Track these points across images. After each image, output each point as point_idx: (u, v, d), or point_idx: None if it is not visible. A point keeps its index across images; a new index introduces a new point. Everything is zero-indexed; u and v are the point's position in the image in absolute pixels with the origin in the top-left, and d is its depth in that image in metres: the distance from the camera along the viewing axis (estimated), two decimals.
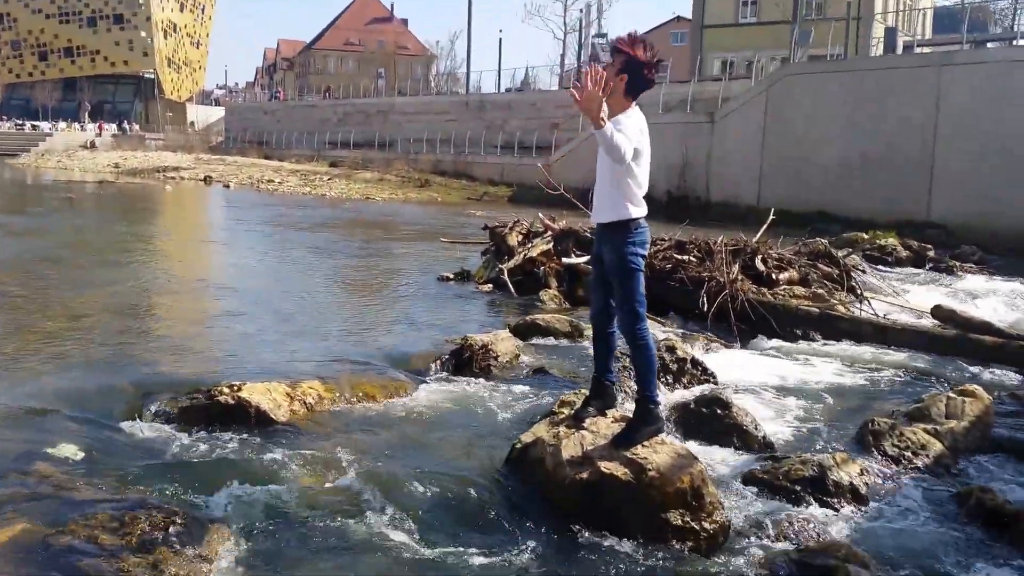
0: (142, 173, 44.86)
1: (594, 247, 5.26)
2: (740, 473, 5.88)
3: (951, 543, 5.10)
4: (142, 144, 66.95)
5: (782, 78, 28.53)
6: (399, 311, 10.40)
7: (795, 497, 5.50)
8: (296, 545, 4.40)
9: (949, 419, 6.97)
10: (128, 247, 15.06)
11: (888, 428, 6.62)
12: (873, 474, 5.98)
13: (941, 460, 6.40)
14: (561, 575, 4.20)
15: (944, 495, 5.81)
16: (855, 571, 3.95)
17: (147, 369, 7.24)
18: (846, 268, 12.51)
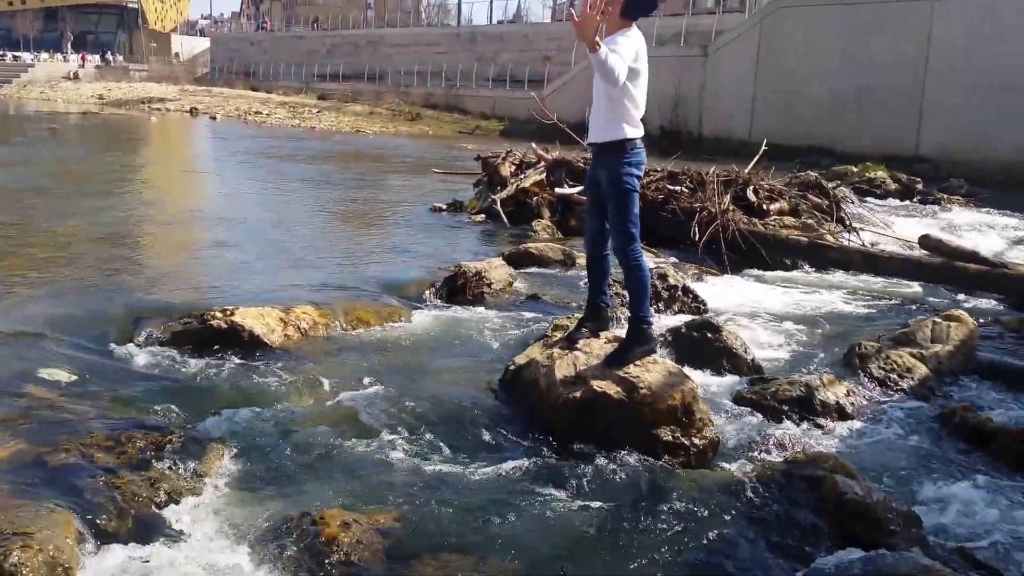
0: (127, 104, 44.37)
1: (589, 169, 5.28)
2: (729, 394, 5.99)
3: (935, 457, 5.24)
4: (126, 75, 65.99)
5: (775, 11, 28.23)
6: (392, 241, 10.40)
7: (783, 416, 5.62)
8: (294, 463, 4.45)
9: (934, 343, 7.09)
10: (115, 177, 14.94)
11: (875, 351, 6.74)
12: (859, 395, 6.10)
13: (926, 382, 6.53)
14: (555, 489, 4.27)
15: (928, 414, 5.95)
16: (842, 481, 4.06)
17: (137, 295, 7.18)
18: (836, 199, 12.59)
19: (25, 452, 4.11)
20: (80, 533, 3.51)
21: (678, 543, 3.81)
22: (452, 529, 3.83)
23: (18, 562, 3.17)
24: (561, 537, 3.83)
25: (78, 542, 3.46)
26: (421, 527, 3.82)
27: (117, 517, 3.71)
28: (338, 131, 33.86)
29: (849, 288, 9.65)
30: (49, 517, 3.50)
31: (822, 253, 10.54)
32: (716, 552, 3.78)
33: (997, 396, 6.58)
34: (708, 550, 3.78)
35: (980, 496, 4.77)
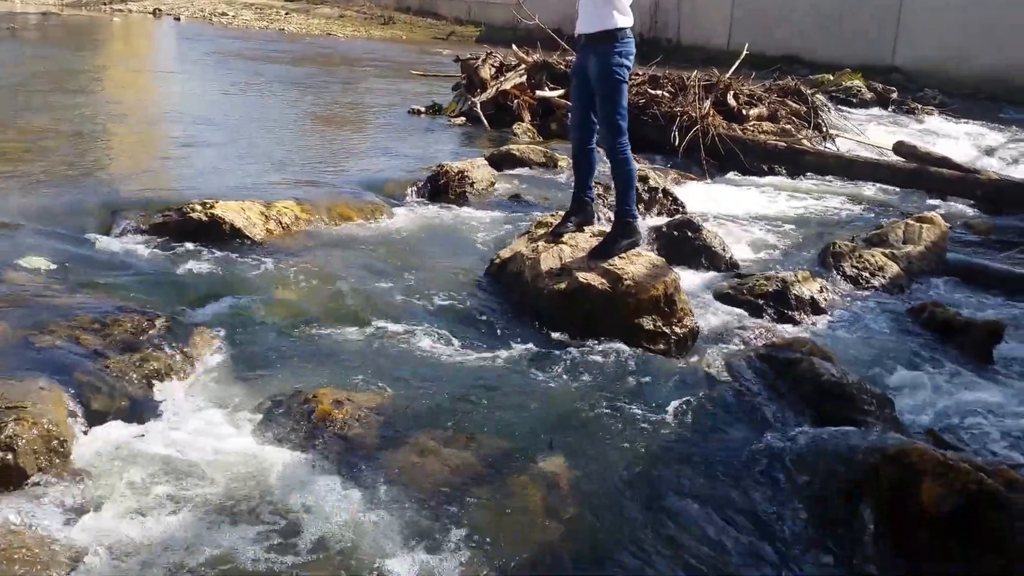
0: (87, 5, 43.05)
1: (575, 61, 5.29)
2: (708, 290, 6.13)
3: (906, 349, 5.42)
4: None
5: None
6: (370, 142, 10.32)
7: (760, 310, 5.79)
8: (282, 348, 4.51)
9: (906, 244, 7.25)
10: (81, 76, 14.56)
11: (848, 250, 6.89)
12: (832, 291, 6.27)
13: (897, 281, 6.71)
14: (540, 372, 4.38)
15: (900, 310, 6.13)
16: (818, 363, 4.20)
17: (114, 189, 7.04)
18: (814, 106, 12.64)
19: (10, 335, 4.08)
20: (72, 410, 3.55)
21: (658, 421, 3.94)
22: (443, 408, 3.93)
23: (13, 434, 3.22)
24: (547, 415, 3.94)
25: (70, 418, 3.51)
26: (412, 407, 3.91)
27: (108, 395, 3.75)
28: (308, 34, 33.15)
29: (825, 193, 9.78)
30: (40, 394, 3.52)
31: (799, 158, 10.62)
32: (694, 429, 3.92)
33: (966, 295, 6.77)
34: (686, 427, 3.92)
35: (949, 383, 4.97)
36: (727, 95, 11.56)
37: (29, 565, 2.75)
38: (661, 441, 3.79)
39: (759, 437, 3.83)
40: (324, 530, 3.06)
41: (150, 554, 2.89)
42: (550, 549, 3.11)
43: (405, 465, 3.47)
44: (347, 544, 3.00)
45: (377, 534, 3.05)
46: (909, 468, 3.24)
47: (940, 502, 3.16)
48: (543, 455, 3.60)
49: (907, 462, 3.26)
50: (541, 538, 3.15)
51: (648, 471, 3.56)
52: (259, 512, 3.13)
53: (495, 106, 11.63)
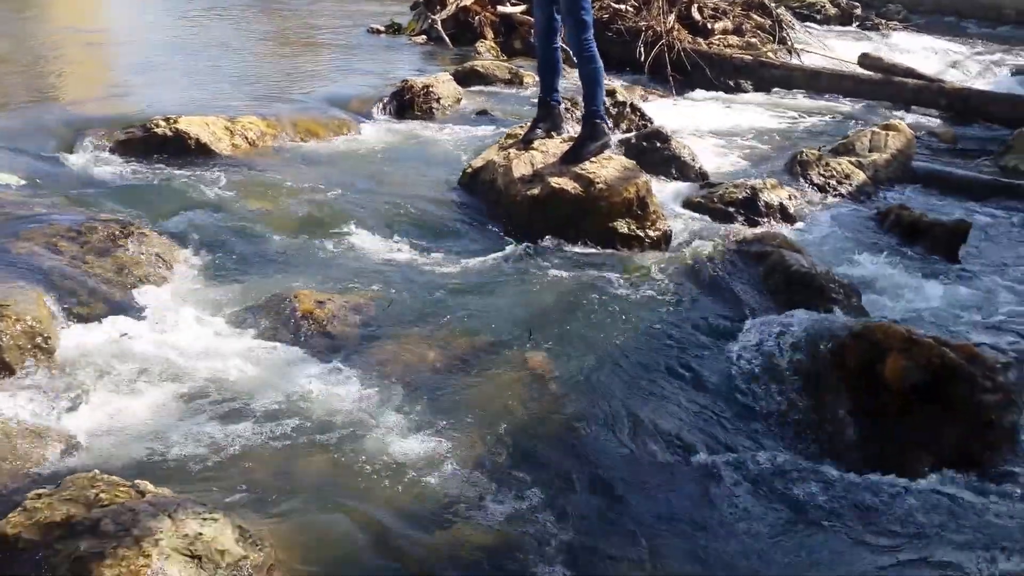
0: None
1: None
2: (678, 199, 6.18)
3: (874, 248, 5.53)
4: None
5: None
6: (331, 62, 10.16)
7: (730, 217, 5.84)
8: (258, 255, 4.54)
9: (872, 152, 7.34)
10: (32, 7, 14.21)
11: (815, 159, 6.96)
12: (801, 198, 6.35)
13: (864, 188, 6.81)
14: (516, 273, 4.45)
15: (867, 214, 6.24)
16: (788, 254, 4.30)
17: (76, 110, 6.94)
18: (778, 19, 12.60)
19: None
20: (54, 310, 3.58)
21: (634, 310, 4.04)
22: (422, 307, 4.00)
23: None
24: (525, 311, 4.02)
25: (53, 317, 3.54)
26: (392, 306, 3.97)
27: (88, 296, 3.78)
28: None
29: (791, 107, 9.80)
30: (22, 293, 3.54)
31: (765, 72, 10.62)
32: (668, 316, 4.03)
33: (932, 201, 6.89)
34: (660, 315, 4.03)
35: (914, 279, 5.10)
36: (691, 8, 11.52)
37: (17, 453, 2.81)
38: (637, 329, 3.89)
39: (731, 322, 3.95)
40: (310, 415, 3.14)
41: (137, 441, 2.95)
42: (532, 429, 3.21)
43: (388, 356, 3.55)
44: (333, 428, 3.08)
45: (363, 417, 3.14)
46: (875, 344, 3.37)
47: (905, 376, 3.29)
48: (523, 345, 3.69)
49: (873, 338, 3.38)
50: (524, 417, 3.26)
51: (624, 356, 3.67)
52: (245, 400, 3.20)
53: (456, 24, 11.48)
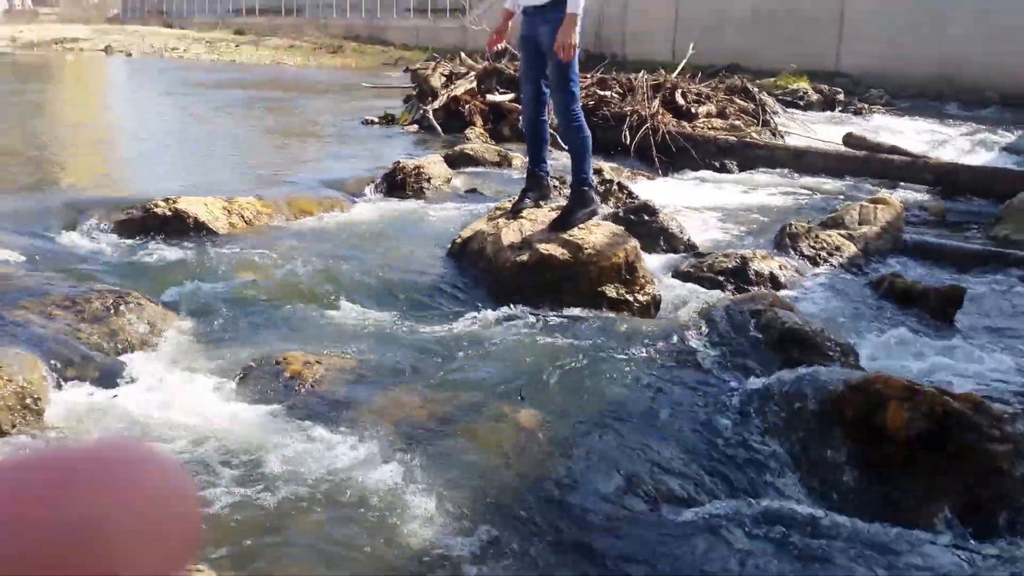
0: (40, 46, 42.78)
1: (523, 32, 5.22)
2: (667, 270, 6.17)
3: (868, 314, 5.51)
4: (36, 18, 63.46)
5: None
6: (326, 149, 10.34)
7: (719, 285, 5.81)
8: (249, 322, 4.53)
9: (862, 225, 7.35)
10: (38, 103, 14.52)
11: (804, 231, 6.96)
12: (791, 269, 6.33)
13: (855, 259, 6.79)
14: (504, 337, 4.40)
15: (859, 284, 6.22)
16: (782, 312, 4.25)
17: (77, 192, 7.11)
18: (762, 103, 12.83)
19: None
20: (45, 373, 3.56)
21: (626, 370, 3.98)
22: (411, 368, 3.96)
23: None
24: (515, 372, 3.97)
25: (43, 379, 3.52)
26: (381, 367, 3.94)
27: (80, 361, 3.78)
28: (259, 64, 33.19)
29: (778, 185, 9.89)
30: (14, 356, 3.54)
31: (750, 152, 10.75)
32: (661, 376, 3.97)
33: (923, 271, 6.88)
34: (654, 375, 3.97)
35: (912, 341, 5.04)
36: (675, 94, 11.71)
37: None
38: (630, 388, 3.83)
39: (725, 380, 3.89)
40: (296, 474, 3.08)
41: None
42: (521, 487, 3.14)
43: (376, 415, 3.49)
44: (318, 487, 3.01)
45: (350, 476, 3.06)
46: (875, 394, 3.30)
47: (908, 425, 3.21)
48: (513, 405, 3.62)
49: (873, 388, 3.32)
50: (513, 476, 3.19)
51: (618, 414, 3.61)
52: (231, 459, 3.15)
53: (447, 113, 11.68)
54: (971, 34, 21.64)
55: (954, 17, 21.95)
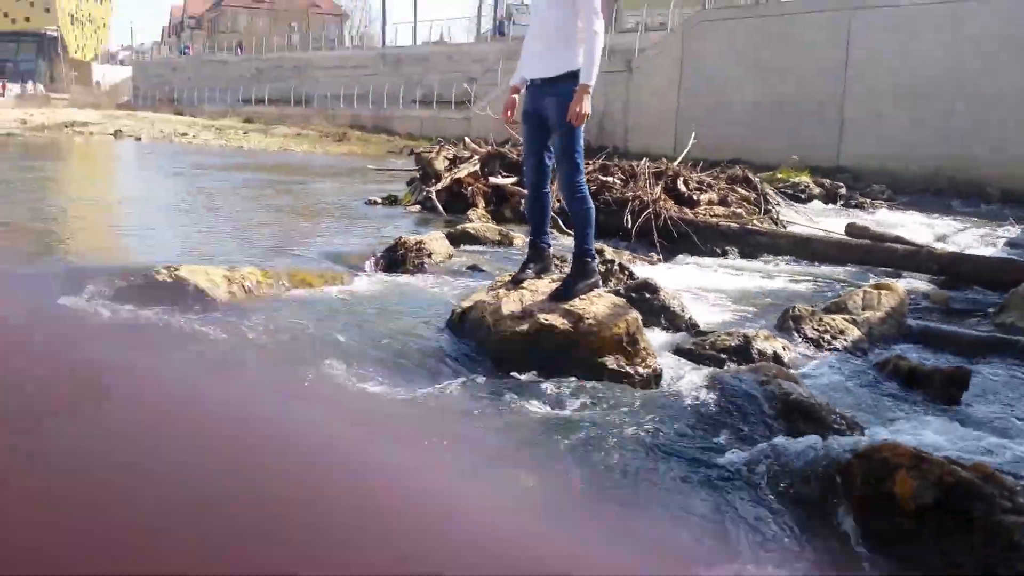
0: (49, 128, 43.44)
1: (527, 104, 5.27)
2: (669, 348, 6.11)
3: (873, 395, 5.41)
4: (47, 103, 64.59)
5: (697, 24, 28.78)
6: (328, 226, 10.41)
7: (721, 363, 5.74)
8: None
9: (866, 310, 7.30)
10: (44, 180, 14.69)
11: (808, 314, 6.92)
12: (795, 350, 6.28)
13: (858, 344, 6.72)
14: (500, 403, 4.34)
15: (864, 366, 6.14)
16: (786, 384, 4.19)
17: (79, 261, 7.15)
18: (763, 193, 12.96)
19: None
20: None
21: (627, 438, 3.90)
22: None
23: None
24: (511, 436, 3.90)
25: None
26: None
27: None
28: (266, 151, 33.65)
29: (780, 271, 9.89)
30: None
31: (752, 238, 10.77)
32: (663, 445, 3.87)
33: (927, 356, 6.81)
34: (655, 444, 3.88)
35: (918, 420, 4.96)
36: (677, 182, 11.82)
37: None
38: (630, 455, 3.74)
39: (729, 449, 3.80)
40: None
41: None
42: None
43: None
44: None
45: None
46: (883, 462, 3.21)
47: (916, 495, 3.11)
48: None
49: (880, 456, 3.23)
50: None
51: (617, 481, 3.52)
52: None
53: (450, 195, 11.81)
54: (972, 131, 21.92)
55: (955, 113, 22.24)
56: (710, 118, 26.67)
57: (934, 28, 22.85)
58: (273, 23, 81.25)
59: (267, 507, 0.89)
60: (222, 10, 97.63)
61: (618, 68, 31.51)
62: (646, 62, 30.67)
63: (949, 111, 22.38)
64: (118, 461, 0.92)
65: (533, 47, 5.13)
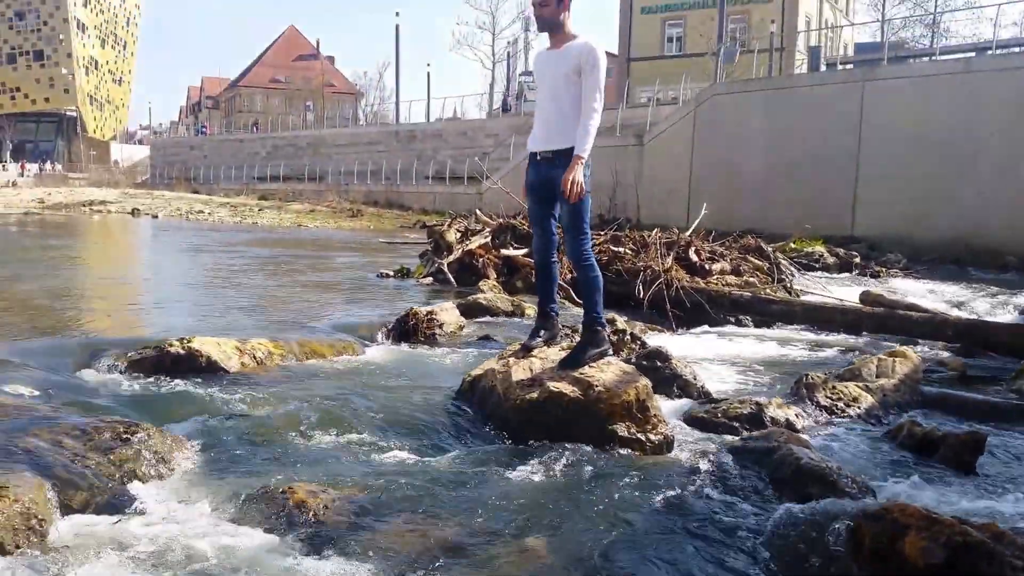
0: (68, 207, 44.08)
1: (533, 177, 5.37)
2: (681, 415, 6.11)
3: (886, 462, 5.38)
4: (65, 182, 65.65)
5: (709, 98, 29.15)
6: (340, 299, 10.48)
7: (734, 431, 5.73)
8: (256, 454, 4.52)
9: (880, 377, 7.28)
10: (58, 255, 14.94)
11: (821, 382, 6.91)
12: (808, 418, 6.26)
13: (872, 411, 6.69)
14: (511, 471, 4.36)
15: (877, 433, 6.11)
16: (797, 449, 4.19)
17: (93, 334, 7.26)
18: (776, 262, 13.00)
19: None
20: (50, 497, 3.58)
21: (636, 505, 3.92)
22: (416, 498, 3.92)
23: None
24: (523, 503, 3.92)
25: (49, 503, 3.53)
26: (386, 497, 3.89)
27: (87, 489, 3.79)
28: (280, 226, 34.01)
29: (793, 340, 9.87)
30: (21, 479, 3.57)
31: (766, 307, 10.75)
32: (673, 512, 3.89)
33: (942, 422, 6.77)
34: (665, 511, 3.90)
35: (931, 486, 4.92)
36: (689, 251, 11.88)
37: None
38: (640, 523, 3.76)
39: (739, 514, 3.81)
40: None
41: None
42: None
43: (381, 543, 3.45)
44: None
45: None
46: (893, 523, 3.22)
47: (926, 555, 3.11)
48: (520, 535, 3.54)
49: (890, 517, 3.23)
50: None
51: (628, 548, 3.53)
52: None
53: (461, 266, 11.92)
54: (987, 198, 21.95)
55: (965, 183, 22.31)
56: (722, 189, 26.84)
57: (947, 96, 23.03)
58: (288, 103, 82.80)
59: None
60: (238, 91, 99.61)
61: (630, 142, 31.92)
62: (658, 136, 31.05)
63: (963, 179, 22.45)
64: None
65: (546, 118, 5.26)
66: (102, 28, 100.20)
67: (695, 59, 41.89)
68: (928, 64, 28.39)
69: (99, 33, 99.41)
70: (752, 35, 41.12)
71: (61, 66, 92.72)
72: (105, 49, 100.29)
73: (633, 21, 48.71)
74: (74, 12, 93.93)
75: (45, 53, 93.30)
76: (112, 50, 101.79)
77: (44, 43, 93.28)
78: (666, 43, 48.32)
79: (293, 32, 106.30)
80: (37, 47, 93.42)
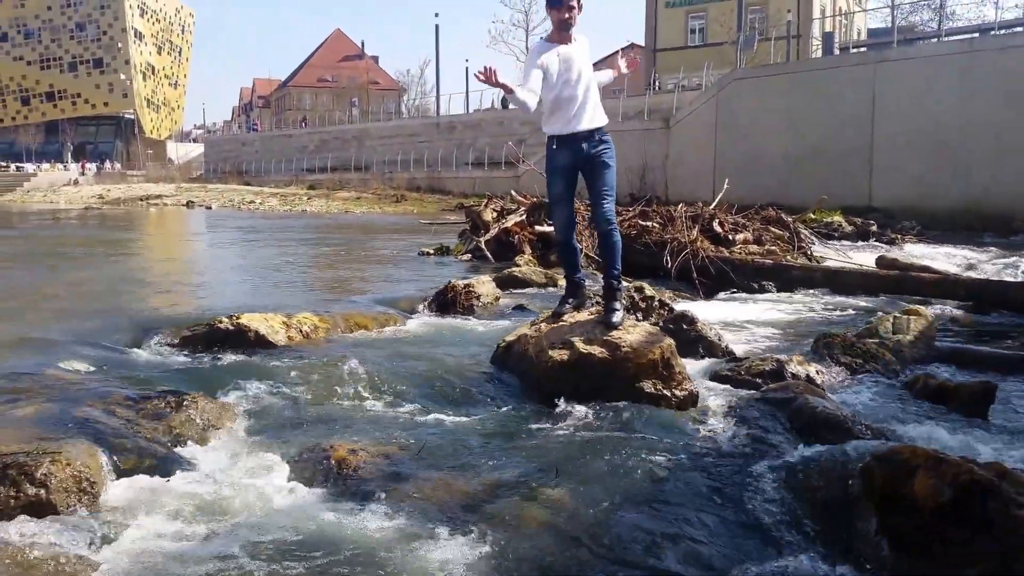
0: (126, 202, 44.67)
1: (568, 158, 5.39)
2: (706, 374, 6.09)
3: (903, 412, 5.33)
4: (124, 179, 66.52)
5: (730, 82, 29.01)
6: (383, 274, 10.58)
7: (756, 387, 5.69)
8: (299, 419, 4.55)
9: (896, 334, 7.22)
10: (116, 246, 15.14)
11: (840, 340, 6.87)
12: (828, 374, 6.22)
13: (889, 366, 6.62)
14: (543, 426, 4.37)
15: (894, 386, 6.07)
16: (813, 399, 4.17)
17: (146, 313, 7.33)
18: (796, 231, 12.88)
19: (50, 408, 4.19)
20: (103, 460, 3.60)
21: (661, 454, 3.90)
22: (451, 454, 3.93)
23: (48, 472, 3.27)
24: (553, 457, 3.90)
25: (102, 466, 3.55)
26: (422, 454, 3.90)
27: (138, 453, 3.80)
28: (328, 213, 34.24)
29: (814, 304, 9.80)
30: (75, 444, 3.60)
31: (787, 273, 10.70)
32: (695, 459, 3.88)
33: (955, 375, 6.70)
34: (688, 458, 3.88)
35: (945, 432, 4.87)
36: (713, 223, 11.81)
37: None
38: (664, 469, 3.74)
39: (757, 461, 3.78)
40: (345, 551, 3.02)
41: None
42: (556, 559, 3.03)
43: (416, 495, 3.45)
44: (359, 565, 2.94)
45: (390, 554, 3.00)
46: (902, 464, 3.18)
47: (935, 494, 3.08)
48: (549, 486, 3.55)
49: (899, 458, 3.20)
50: (549, 549, 3.08)
51: (650, 492, 3.52)
52: (274, 539, 3.11)
53: (498, 243, 11.93)
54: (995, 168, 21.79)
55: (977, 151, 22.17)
56: (744, 168, 26.66)
57: (955, 75, 22.83)
58: (335, 100, 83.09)
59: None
60: (288, 90, 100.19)
61: (658, 126, 31.79)
62: (683, 119, 30.91)
63: (973, 149, 22.31)
64: None
65: (581, 102, 5.32)
66: (158, 36, 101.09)
67: (717, 48, 41.76)
68: (935, 45, 27.95)
69: (155, 41, 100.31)
70: (770, 24, 40.98)
71: (119, 72, 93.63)
72: (161, 55, 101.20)
73: (659, 15, 48.62)
74: (132, 22, 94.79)
75: (104, 61, 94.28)
76: (168, 56, 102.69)
77: (104, 51, 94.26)
78: (689, 34, 48.17)
79: (339, 34, 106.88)
80: (97, 55, 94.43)
